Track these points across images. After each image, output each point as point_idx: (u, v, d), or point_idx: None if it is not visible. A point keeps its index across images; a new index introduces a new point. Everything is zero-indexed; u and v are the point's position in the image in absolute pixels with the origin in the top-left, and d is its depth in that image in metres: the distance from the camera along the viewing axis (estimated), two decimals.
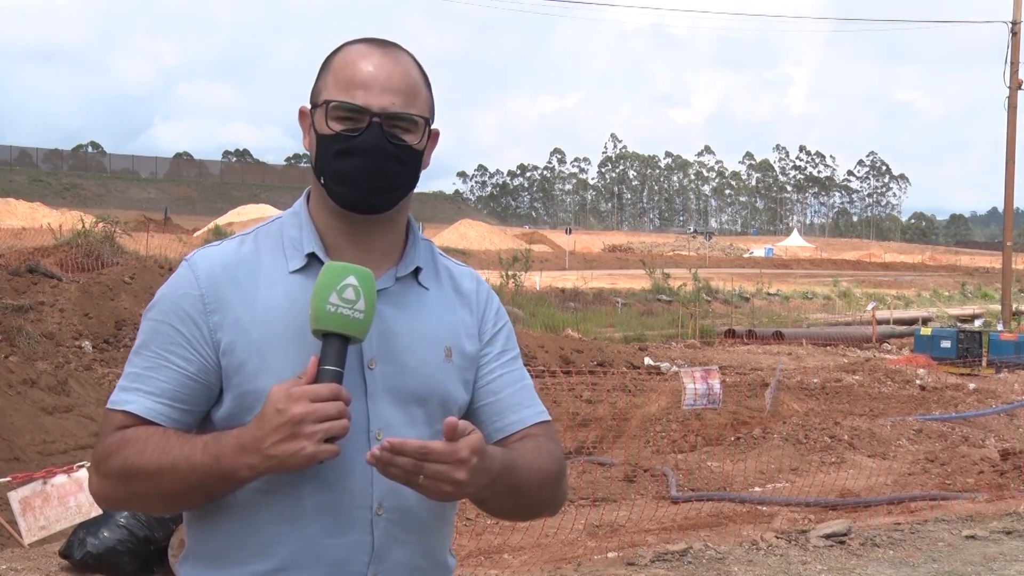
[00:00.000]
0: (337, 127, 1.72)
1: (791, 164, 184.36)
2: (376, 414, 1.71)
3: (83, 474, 6.00)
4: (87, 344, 13.68)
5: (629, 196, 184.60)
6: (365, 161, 1.71)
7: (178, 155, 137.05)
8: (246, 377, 1.69)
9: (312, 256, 1.75)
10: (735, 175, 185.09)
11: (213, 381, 1.72)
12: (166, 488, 1.66)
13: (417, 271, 1.81)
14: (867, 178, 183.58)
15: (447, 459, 1.57)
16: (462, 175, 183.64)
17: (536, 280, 35.60)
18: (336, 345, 1.63)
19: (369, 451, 1.59)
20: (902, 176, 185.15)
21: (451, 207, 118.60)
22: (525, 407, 1.87)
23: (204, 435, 1.68)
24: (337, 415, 1.59)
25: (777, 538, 7.04)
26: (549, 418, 1.93)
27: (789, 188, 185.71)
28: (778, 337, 25.74)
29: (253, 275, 1.74)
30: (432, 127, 1.80)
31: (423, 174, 1.82)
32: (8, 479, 6.47)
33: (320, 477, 1.67)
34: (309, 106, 1.79)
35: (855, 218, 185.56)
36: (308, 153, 1.80)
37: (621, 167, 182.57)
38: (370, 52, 1.75)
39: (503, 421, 1.85)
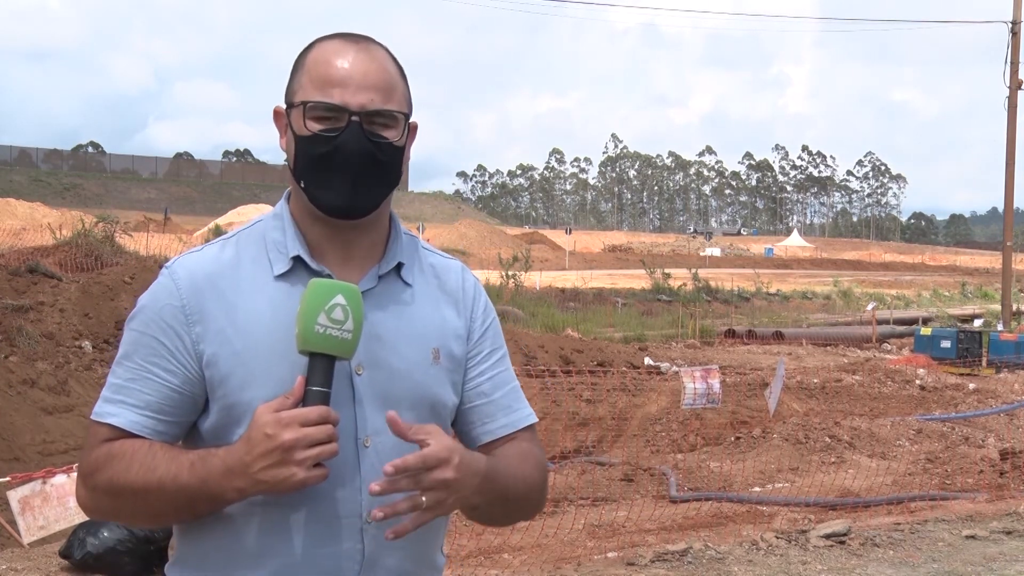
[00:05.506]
0: (315, 127, 1.67)
1: (791, 164, 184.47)
2: (365, 421, 1.67)
3: None
4: (87, 344, 13.67)
5: (629, 196, 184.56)
6: (346, 161, 1.67)
7: (178, 155, 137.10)
8: (231, 389, 1.65)
9: (297, 259, 1.70)
10: (735, 175, 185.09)
11: (198, 392, 1.68)
12: (152, 506, 1.65)
13: (399, 267, 1.77)
14: (867, 178, 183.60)
15: (434, 462, 1.57)
16: (462, 175, 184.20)
17: (536, 280, 35.61)
18: (323, 364, 1.59)
19: (372, 485, 1.58)
20: (901, 176, 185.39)
21: (451, 207, 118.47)
22: (514, 410, 1.85)
23: (191, 453, 1.64)
24: (327, 439, 1.56)
25: (777, 538, 7.04)
26: (536, 420, 1.92)
27: (789, 188, 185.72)
28: (778, 337, 25.74)
29: (235, 282, 1.69)
30: (410, 121, 1.75)
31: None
32: (8, 479, 6.47)
33: (310, 487, 1.63)
34: (284, 106, 1.74)
35: (855, 218, 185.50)
36: (286, 154, 1.75)
37: (621, 167, 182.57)
38: (344, 48, 1.70)
39: (493, 424, 1.83)
